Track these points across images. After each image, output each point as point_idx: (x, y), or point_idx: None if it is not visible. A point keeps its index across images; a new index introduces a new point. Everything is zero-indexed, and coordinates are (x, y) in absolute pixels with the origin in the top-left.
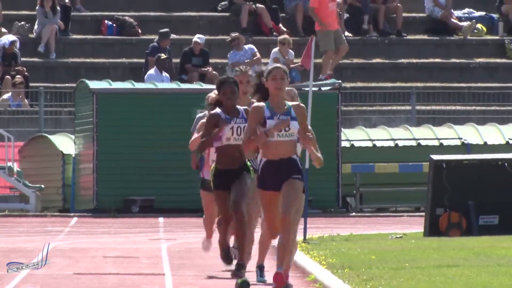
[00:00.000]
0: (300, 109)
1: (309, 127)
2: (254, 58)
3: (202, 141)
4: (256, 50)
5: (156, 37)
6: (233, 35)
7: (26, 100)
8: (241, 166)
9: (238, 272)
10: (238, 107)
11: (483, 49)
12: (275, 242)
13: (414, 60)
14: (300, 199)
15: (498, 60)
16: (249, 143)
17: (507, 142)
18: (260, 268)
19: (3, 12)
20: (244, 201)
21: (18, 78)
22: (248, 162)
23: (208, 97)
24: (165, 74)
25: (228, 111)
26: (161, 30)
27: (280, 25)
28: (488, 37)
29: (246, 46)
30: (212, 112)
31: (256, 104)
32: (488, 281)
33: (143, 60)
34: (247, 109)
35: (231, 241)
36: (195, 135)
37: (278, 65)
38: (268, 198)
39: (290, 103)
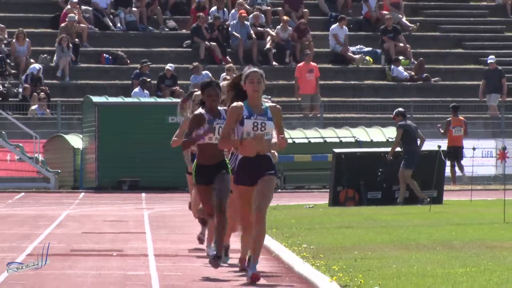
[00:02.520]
0: (277, 110)
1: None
2: None
3: (184, 140)
4: (210, 74)
5: (137, 68)
6: (194, 64)
7: (48, 110)
8: (220, 162)
9: (216, 259)
10: (219, 108)
11: (370, 74)
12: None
13: (322, 82)
14: (272, 191)
15: (380, 82)
16: (224, 142)
17: (387, 140)
18: (226, 248)
19: (31, 48)
20: (225, 203)
21: (42, 94)
22: (227, 159)
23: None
24: (146, 91)
25: (211, 112)
26: (142, 60)
27: (227, 57)
28: (374, 65)
29: (203, 72)
30: (196, 112)
31: (235, 103)
32: (373, 238)
33: (130, 82)
34: (227, 109)
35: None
36: (177, 133)
37: (255, 69)
38: (243, 192)
39: (268, 104)
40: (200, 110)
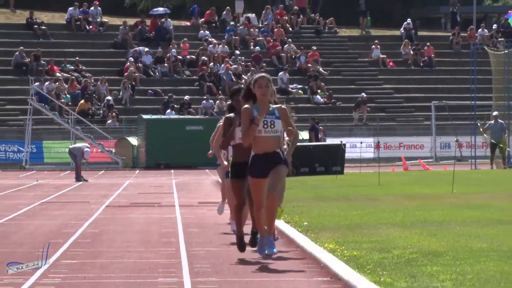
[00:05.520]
0: (283, 109)
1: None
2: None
3: (224, 139)
4: (212, 101)
5: (166, 97)
6: (205, 97)
7: (117, 123)
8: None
9: (253, 238)
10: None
11: (301, 100)
12: None
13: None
14: (283, 178)
15: (307, 105)
16: (247, 136)
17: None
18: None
19: (108, 87)
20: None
21: (114, 114)
22: None
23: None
24: (173, 111)
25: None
26: (168, 94)
27: (219, 91)
28: (303, 95)
29: (210, 100)
30: (227, 115)
31: (246, 106)
32: (304, 194)
33: (162, 107)
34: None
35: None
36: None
37: (263, 74)
38: (256, 184)
39: (274, 106)
40: (231, 114)
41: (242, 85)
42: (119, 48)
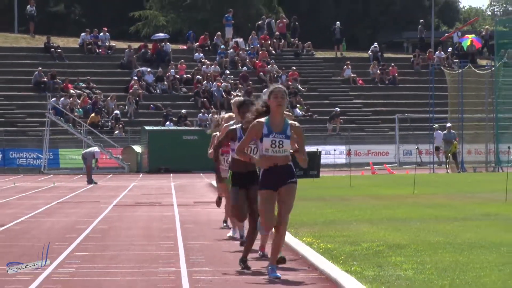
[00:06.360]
0: (297, 129)
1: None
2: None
3: (215, 146)
4: (208, 116)
5: (165, 111)
6: (203, 110)
7: (123, 133)
8: (251, 170)
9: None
10: (235, 127)
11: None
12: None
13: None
14: (293, 199)
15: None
16: (239, 154)
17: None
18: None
19: (116, 103)
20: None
21: (120, 126)
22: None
23: (220, 119)
24: (172, 123)
25: (244, 129)
26: (168, 108)
27: (212, 106)
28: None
29: (205, 114)
30: (232, 127)
31: (257, 120)
32: None
33: (162, 119)
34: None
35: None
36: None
37: (279, 85)
38: (265, 196)
39: (290, 121)
40: (236, 126)
41: (248, 98)
42: (124, 68)
